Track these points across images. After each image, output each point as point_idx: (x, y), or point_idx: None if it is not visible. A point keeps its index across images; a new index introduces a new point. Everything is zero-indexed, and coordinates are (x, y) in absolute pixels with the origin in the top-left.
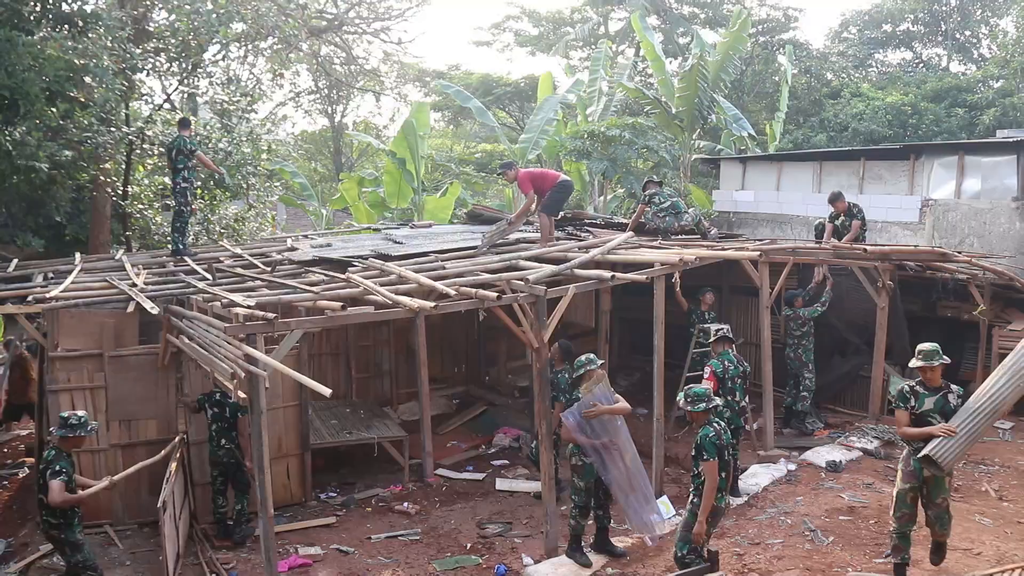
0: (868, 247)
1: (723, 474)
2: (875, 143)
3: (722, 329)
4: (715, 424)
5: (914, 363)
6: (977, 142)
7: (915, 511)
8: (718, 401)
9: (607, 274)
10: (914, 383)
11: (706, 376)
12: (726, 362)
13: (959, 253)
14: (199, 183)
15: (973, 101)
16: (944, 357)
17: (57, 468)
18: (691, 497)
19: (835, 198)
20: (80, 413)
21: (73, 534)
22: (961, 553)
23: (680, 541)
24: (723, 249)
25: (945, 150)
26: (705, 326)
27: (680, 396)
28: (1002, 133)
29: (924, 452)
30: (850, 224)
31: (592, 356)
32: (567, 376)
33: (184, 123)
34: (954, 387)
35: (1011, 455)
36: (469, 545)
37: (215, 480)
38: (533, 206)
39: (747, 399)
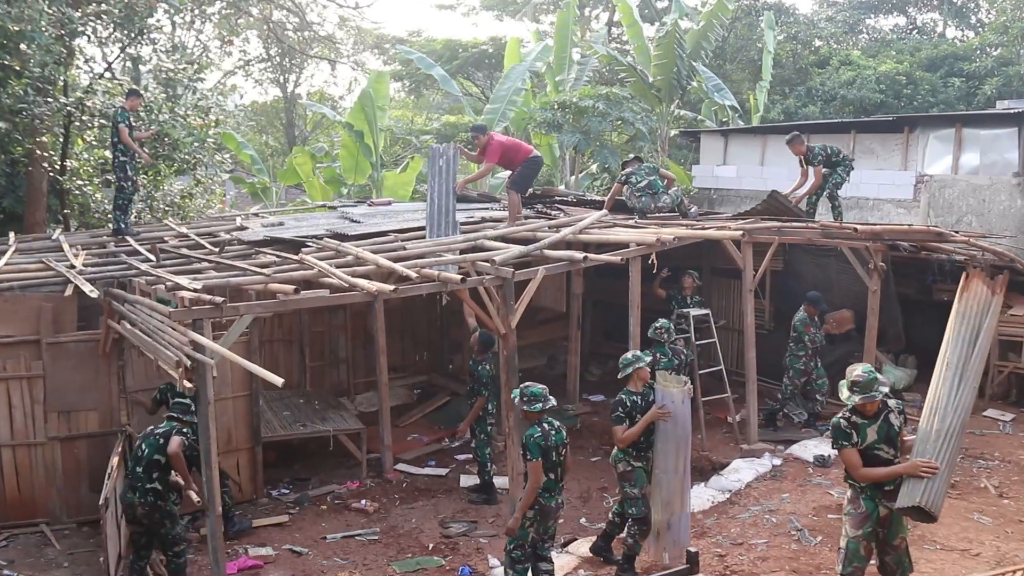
0: (859, 226)
1: (552, 475)
2: (866, 113)
3: (659, 328)
4: (544, 424)
5: (848, 398)
6: (975, 113)
7: (868, 562)
8: (553, 401)
9: (579, 255)
10: (848, 414)
11: None
12: (658, 355)
13: (956, 233)
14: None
15: (971, 70)
16: (883, 383)
17: (185, 429)
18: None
19: (791, 140)
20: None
21: (174, 506)
22: (959, 554)
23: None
24: (703, 228)
25: (941, 122)
26: (685, 311)
27: (515, 393)
28: (1002, 104)
29: (910, 503)
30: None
31: (639, 354)
32: (488, 368)
33: (131, 93)
34: (891, 403)
35: (1011, 449)
36: (431, 545)
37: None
38: (505, 183)
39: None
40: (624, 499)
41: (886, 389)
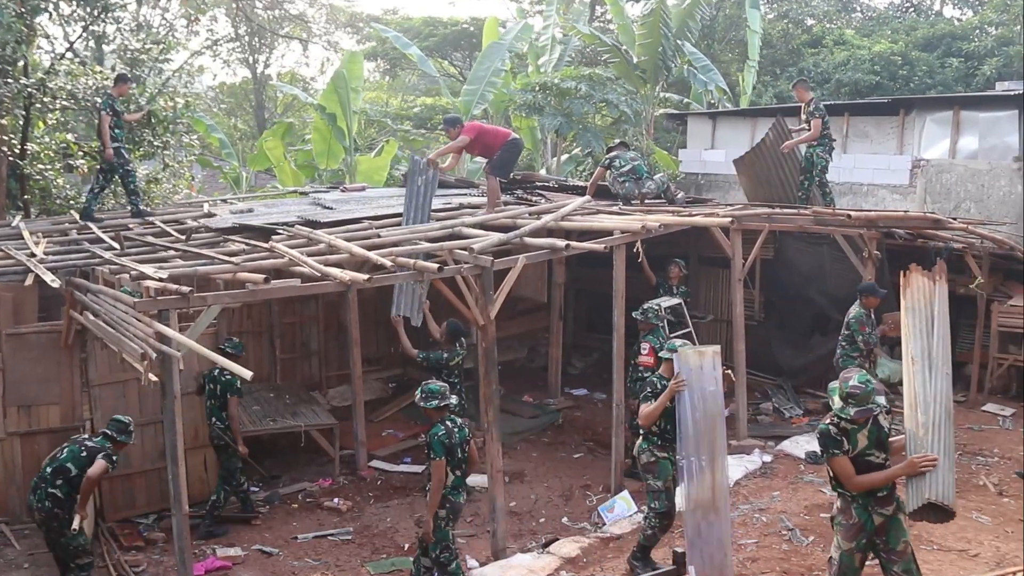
0: (852, 213)
1: (458, 472)
2: (861, 95)
3: (656, 310)
4: (447, 422)
5: (841, 409)
6: (974, 95)
7: (860, 572)
8: (453, 400)
9: (561, 243)
10: (837, 419)
11: (645, 352)
12: (661, 339)
13: (954, 219)
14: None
15: (970, 50)
16: (879, 393)
17: (113, 456)
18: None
19: (797, 83)
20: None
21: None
22: (956, 555)
23: (432, 542)
24: (691, 215)
25: (939, 104)
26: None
27: (418, 392)
28: (1002, 86)
29: (920, 503)
30: (809, 124)
31: (686, 342)
32: (445, 356)
33: (120, 79)
34: (879, 400)
35: (1011, 445)
36: (407, 545)
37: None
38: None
39: None
40: (647, 492)
41: (882, 400)
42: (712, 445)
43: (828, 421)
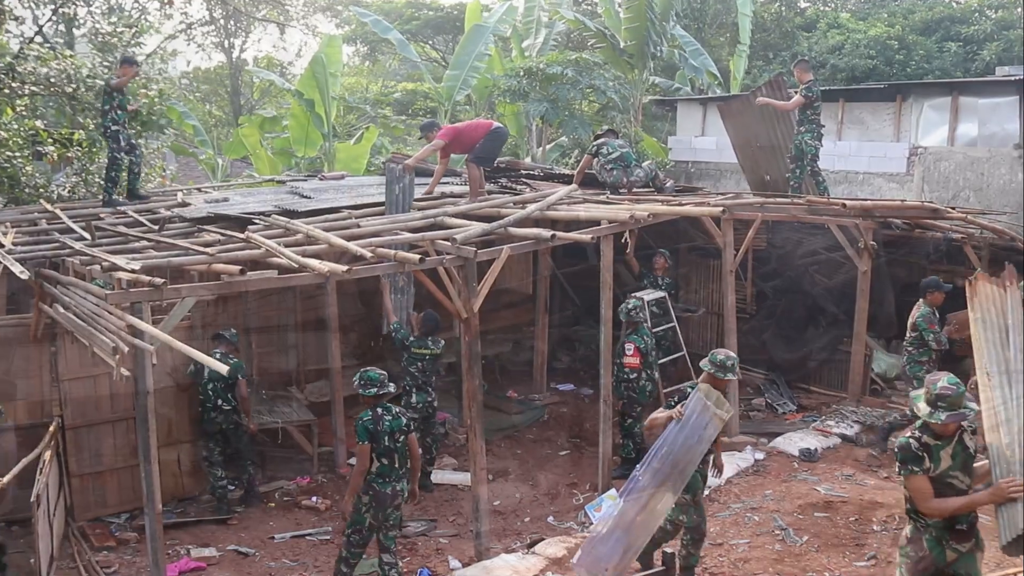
0: (847, 202)
1: (385, 460)
2: (856, 81)
3: (632, 308)
4: (378, 409)
5: (930, 415)
6: (974, 81)
7: None
8: (391, 388)
9: (547, 233)
10: (919, 433)
11: (630, 353)
12: (645, 337)
13: (952, 209)
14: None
15: (969, 34)
16: (971, 399)
17: None
18: None
19: (798, 63)
20: None
21: None
22: None
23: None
24: (680, 204)
25: (937, 90)
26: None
27: (356, 379)
28: (1002, 71)
29: (1014, 534)
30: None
31: (731, 356)
32: (412, 339)
33: (125, 61)
34: (971, 406)
35: None
36: None
37: (211, 452)
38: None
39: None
40: (675, 505)
41: (975, 407)
42: (657, 485)
43: (909, 435)
